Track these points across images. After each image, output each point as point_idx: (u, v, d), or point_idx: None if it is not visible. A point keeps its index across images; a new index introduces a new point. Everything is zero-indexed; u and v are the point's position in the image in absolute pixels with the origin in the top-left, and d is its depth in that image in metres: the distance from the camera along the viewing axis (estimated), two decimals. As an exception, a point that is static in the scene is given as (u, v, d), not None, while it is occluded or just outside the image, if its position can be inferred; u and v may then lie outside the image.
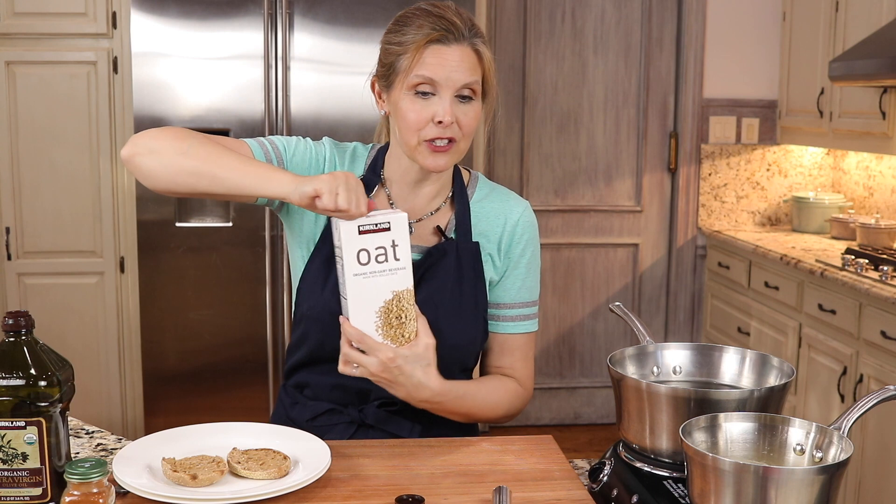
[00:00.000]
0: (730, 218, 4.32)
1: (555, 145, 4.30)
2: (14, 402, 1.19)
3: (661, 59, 4.31)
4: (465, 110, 1.49)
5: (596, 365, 4.42)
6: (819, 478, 1.04)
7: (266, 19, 3.25)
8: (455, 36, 1.48)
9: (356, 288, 1.36)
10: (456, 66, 1.47)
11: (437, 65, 1.47)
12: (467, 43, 1.49)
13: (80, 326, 3.53)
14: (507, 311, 1.62)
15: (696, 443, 1.14)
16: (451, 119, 1.47)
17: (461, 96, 1.49)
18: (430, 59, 1.47)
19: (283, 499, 1.24)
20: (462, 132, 1.50)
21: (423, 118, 1.48)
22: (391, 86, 1.52)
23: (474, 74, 1.49)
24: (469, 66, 1.48)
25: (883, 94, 3.28)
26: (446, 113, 1.47)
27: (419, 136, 1.49)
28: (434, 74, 1.47)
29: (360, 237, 1.34)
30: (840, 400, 3.09)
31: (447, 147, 1.50)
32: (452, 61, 1.47)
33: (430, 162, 1.51)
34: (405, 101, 1.49)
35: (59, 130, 3.46)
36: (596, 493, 1.31)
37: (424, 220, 1.60)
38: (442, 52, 1.47)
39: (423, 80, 1.47)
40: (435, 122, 1.48)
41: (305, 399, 1.62)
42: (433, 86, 1.47)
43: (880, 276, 2.94)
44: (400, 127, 1.52)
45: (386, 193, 1.60)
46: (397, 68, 1.49)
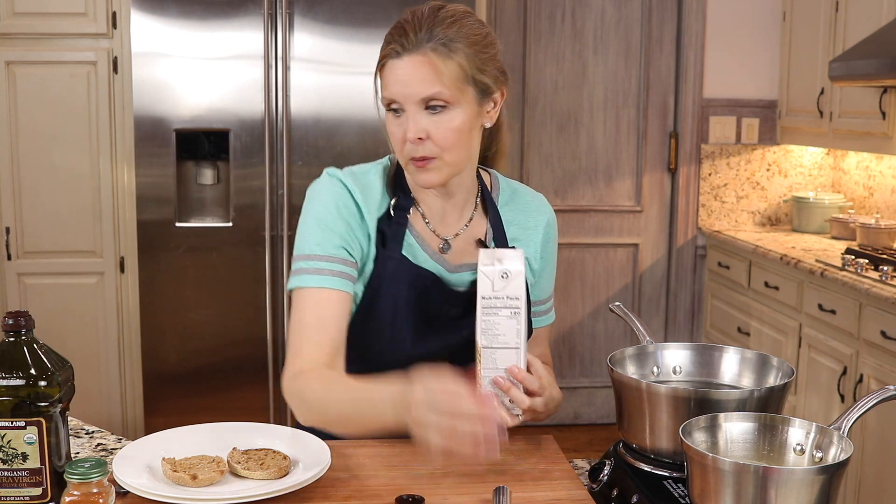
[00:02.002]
0: (730, 218, 4.32)
1: (555, 145, 4.30)
2: (14, 402, 1.19)
3: (661, 59, 4.30)
4: (436, 122, 1.40)
5: (596, 365, 4.42)
6: (819, 478, 1.04)
7: (266, 19, 3.25)
8: (404, 47, 1.39)
9: (525, 335, 1.32)
10: (409, 80, 1.39)
11: (394, 82, 1.40)
12: (419, 52, 1.39)
13: (80, 326, 3.53)
14: (541, 306, 1.64)
15: (696, 443, 1.14)
16: (415, 135, 1.40)
17: (429, 107, 1.40)
18: (389, 76, 1.41)
19: (283, 499, 1.24)
20: (439, 146, 1.41)
21: (399, 138, 1.43)
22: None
23: (433, 85, 1.39)
24: (423, 76, 1.38)
25: (883, 94, 3.28)
26: (409, 130, 1.40)
27: (404, 154, 1.44)
28: (392, 94, 1.41)
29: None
30: (840, 400, 3.09)
31: (428, 163, 1.42)
32: (405, 76, 1.39)
33: (418, 179, 1.45)
34: (387, 121, 1.45)
35: (59, 130, 3.46)
36: (596, 493, 1.31)
37: (462, 234, 1.54)
38: (395, 68, 1.40)
39: (387, 99, 1.42)
40: (408, 141, 1.41)
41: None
42: (398, 103, 1.41)
43: (880, 276, 2.94)
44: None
45: (420, 213, 1.52)
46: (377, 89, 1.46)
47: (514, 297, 1.28)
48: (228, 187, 3.35)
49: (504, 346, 1.29)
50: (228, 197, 3.35)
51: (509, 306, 1.28)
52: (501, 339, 1.29)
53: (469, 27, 1.43)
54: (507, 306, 1.28)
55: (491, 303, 1.28)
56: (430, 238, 1.52)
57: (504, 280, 1.27)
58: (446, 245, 1.53)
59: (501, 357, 1.30)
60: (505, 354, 1.30)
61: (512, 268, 1.28)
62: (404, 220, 1.50)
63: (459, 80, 1.40)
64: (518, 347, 1.30)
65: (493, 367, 1.30)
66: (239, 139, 3.30)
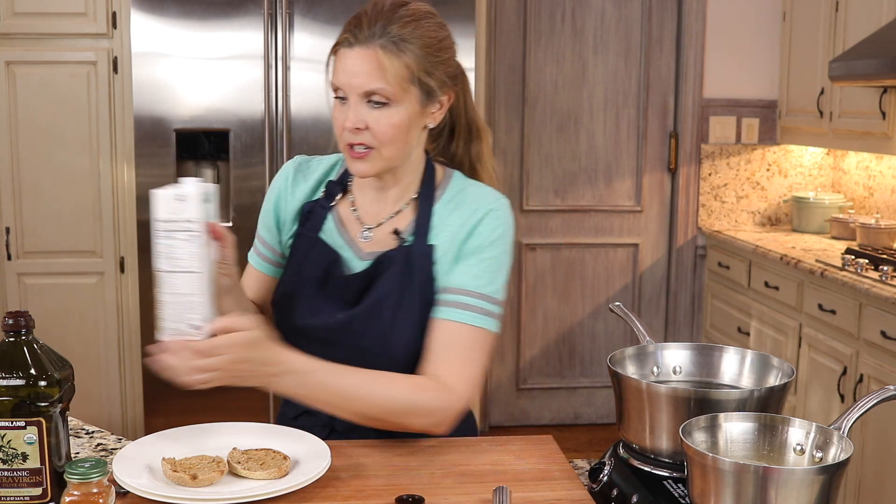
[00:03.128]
0: (730, 218, 4.32)
1: (555, 145, 4.30)
2: (14, 402, 1.18)
3: (661, 59, 4.31)
4: (376, 116, 1.43)
5: (596, 365, 4.42)
6: (819, 478, 1.04)
7: (266, 19, 3.25)
8: (357, 38, 1.42)
9: (206, 259, 1.31)
10: (355, 72, 1.41)
11: (341, 70, 1.43)
12: (369, 46, 1.41)
13: (80, 326, 3.53)
14: (445, 295, 1.48)
15: (696, 443, 1.14)
16: (353, 125, 1.43)
17: (371, 101, 1.43)
18: (338, 64, 1.44)
19: (283, 499, 1.24)
20: (376, 139, 1.44)
21: (339, 124, 1.46)
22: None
23: (377, 81, 1.41)
24: (369, 71, 1.41)
25: (883, 94, 3.28)
26: (347, 119, 1.43)
27: (343, 141, 1.47)
28: (337, 80, 1.44)
29: (203, 206, 1.30)
30: (840, 400, 3.09)
31: (364, 154, 1.45)
32: (352, 66, 1.42)
33: (353, 167, 1.48)
34: (333, 106, 1.48)
35: (59, 130, 3.46)
36: (596, 493, 1.31)
37: (384, 224, 1.55)
38: (345, 57, 1.43)
39: (334, 85, 1.45)
40: (347, 128, 1.44)
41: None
42: (343, 91, 1.44)
43: (880, 276, 2.94)
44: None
45: (350, 200, 1.58)
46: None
47: (190, 220, 1.27)
48: (228, 187, 3.35)
49: (182, 271, 1.29)
50: (228, 197, 3.35)
51: (185, 229, 1.28)
52: (180, 264, 1.29)
53: (425, 28, 1.46)
54: (183, 230, 1.28)
55: (168, 227, 1.28)
56: (352, 224, 1.57)
57: (180, 203, 1.27)
58: (367, 233, 1.55)
59: (180, 281, 1.29)
60: (183, 279, 1.29)
61: (187, 191, 1.27)
62: (328, 205, 1.58)
63: (404, 79, 1.42)
64: (199, 272, 1.29)
65: (173, 291, 1.29)
66: (239, 139, 3.30)
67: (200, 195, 1.28)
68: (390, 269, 1.49)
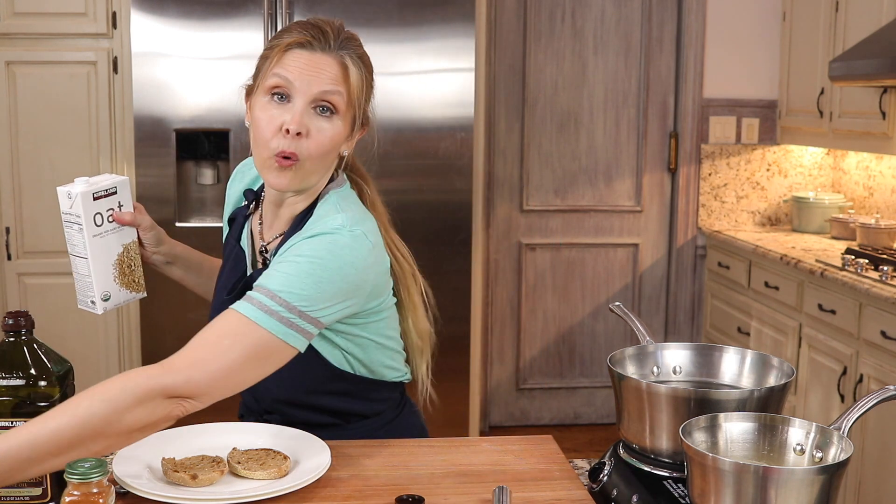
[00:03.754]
0: (730, 218, 4.32)
1: (555, 145, 4.30)
2: (14, 402, 1.19)
3: (661, 59, 4.31)
4: (319, 126, 1.39)
5: (596, 365, 4.42)
6: (819, 478, 1.04)
7: (266, 19, 3.25)
8: (321, 44, 1.40)
9: (96, 247, 1.51)
10: (315, 73, 1.38)
11: (296, 67, 1.38)
12: (334, 54, 1.40)
13: (80, 326, 3.53)
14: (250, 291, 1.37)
15: (696, 443, 1.14)
16: (297, 128, 1.36)
17: (319, 109, 1.39)
18: (291, 61, 1.39)
19: (283, 499, 1.24)
20: (310, 150, 1.38)
21: (274, 126, 1.38)
22: (254, 91, 1.45)
23: (335, 85, 1.39)
24: (331, 76, 1.39)
25: (883, 94, 3.28)
26: (294, 120, 1.37)
27: (269, 147, 1.38)
28: (290, 75, 1.38)
29: (95, 202, 1.49)
30: (840, 400, 3.09)
31: (291, 163, 1.38)
32: (312, 67, 1.38)
33: (273, 178, 1.40)
34: (260, 106, 1.41)
35: (59, 130, 3.46)
36: (596, 493, 1.31)
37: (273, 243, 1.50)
38: (303, 57, 1.39)
39: (279, 80, 1.38)
40: (283, 131, 1.37)
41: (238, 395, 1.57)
42: (289, 90, 1.38)
43: (880, 276, 2.94)
44: (253, 137, 1.43)
45: (260, 214, 1.56)
46: (261, 71, 1.43)
47: (77, 215, 1.49)
48: (228, 187, 3.35)
49: (78, 255, 1.53)
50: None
51: (76, 222, 1.50)
52: (76, 249, 1.53)
53: (368, 61, 1.48)
54: (75, 222, 1.50)
55: (66, 218, 1.51)
56: (256, 237, 1.57)
57: (70, 200, 1.49)
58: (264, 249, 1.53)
59: (79, 264, 1.54)
60: (80, 262, 1.53)
61: (75, 190, 1.48)
62: (246, 214, 1.60)
63: (354, 95, 1.42)
64: (86, 258, 1.51)
65: (76, 271, 1.55)
66: (239, 139, 3.30)
67: (87, 194, 1.47)
68: (242, 292, 1.43)
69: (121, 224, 1.53)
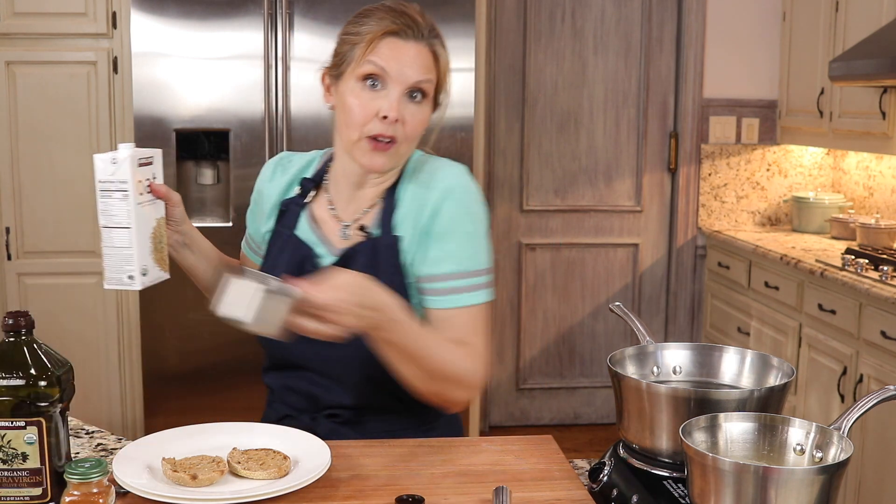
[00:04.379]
0: (730, 218, 4.32)
1: (555, 145, 4.30)
2: (14, 402, 1.18)
3: (661, 59, 4.31)
4: (412, 111, 1.45)
5: (596, 365, 4.42)
6: (819, 478, 1.04)
7: (266, 19, 3.25)
8: (413, 33, 1.45)
9: (139, 217, 1.44)
10: (410, 62, 1.44)
11: (392, 57, 1.44)
12: (425, 42, 1.46)
13: (80, 326, 3.53)
14: (429, 283, 1.49)
15: (696, 443, 1.14)
16: (396, 115, 1.43)
17: (411, 95, 1.45)
18: (385, 50, 1.44)
19: (283, 499, 1.24)
20: (405, 133, 1.46)
21: (368, 111, 1.44)
22: (341, 76, 1.49)
23: (428, 74, 1.46)
24: (424, 64, 1.46)
25: (883, 94, 3.28)
26: (392, 108, 1.43)
27: (362, 131, 1.45)
28: (387, 65, 1.43)
29: (140, 169, 1.44)
30: (840, 400, 3.09)
31: (388, 146, 1.45)
32: (407, 56, 1.44)
33: (368, 160, 1.46)
34: (352, 92, 1.46)
35: (59, 130, 3.46)
36: (596, 493, 1.31)
37: (360, 219, 1.55)
38: (398, 46, 1.44)
39: (374, 68, 1.44)
40: (380, 117, 1.43)
41: (274, 401, 1.65)
42: (383, 78, 1.44)
43: (880, 276, 2.94)
44: (343, 120, 1.48)
45: (327, 198, 1.58)
46: (350, 58, 1.46)
47: (123, 181, 1.42)
48: (228, 187, 3.35)
49: (117, 226, 1.44)
50: (228, 197, 3.35)
51: (120, 189, 1.42)
52: (115, 220, 1.43)
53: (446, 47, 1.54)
54: (118, 189, 1.43)
55: (105, 186, 1.43)
56: (328, 222, 1.58)
57: (114, 165, 1.42)
58: (345, 231, 1.56)
59: (117, 236, 1.44)
60: (119, 233, 1.44)
61: (120, 154, 1.42)
62: (302, 202, 1.60)
63: (441, 80, 1.50)
64: (129, 227, 1.43)
65: (111, 245, 1.44)
66: (239, 139, 3.30)
67: (133, 158, 1.42)
68: (354, 263, 1.49)
69: (156, 196, 1.48)
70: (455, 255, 1.48)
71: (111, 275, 1.45)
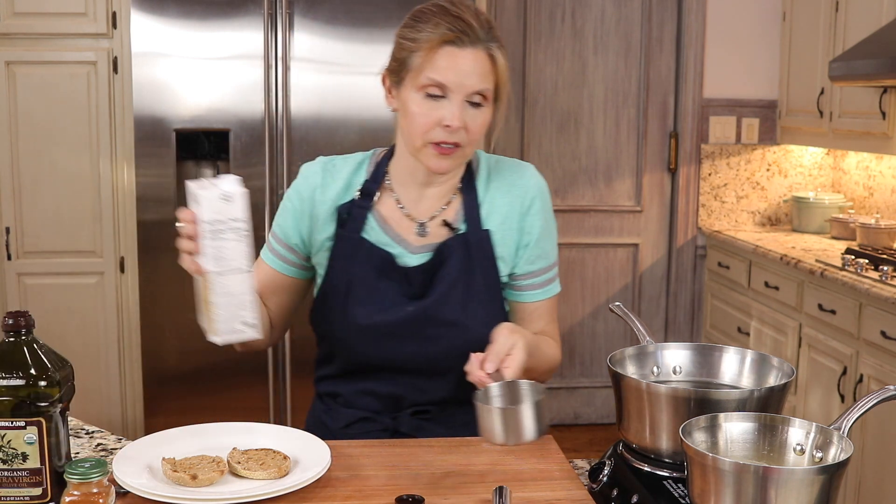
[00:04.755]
0: (730, 218, 4.32)
1: (555, 145, 4.30)
2: (14, 402, 1.18)
3: (661, 59, 4.31)
4: (473, 115, 1.47)
5: (596, 365, 4.42)
6: (819, 478, 1.04)
7: (266, 19, 3.25)
8: (470, 39, 1.44)
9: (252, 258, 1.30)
10: (468, 72, 1.44)
11: (449, 69, 1.44)
12: (482, 47, 1.45)
13: (80, 326, 3.53)
14: (527, 280, 1.61)
15: (696, 443, 1.14)
16: (459, 124, 1.45)
17: (471, 101, 1.46)
18: (443, 61, 1.44)
19: (283, 499, 1.24)
20: (469, 137, 1.48)
21: (430, 120, 1.46)
22: (401, 83, 1.49)
23: (487, 81, 1.46)
24: (482, 71, 1.45)
25: (883, 94, 3.28)
26: (454, 118, 1.44)
27: (425, 138, 1.47)
28: (445, 79, 1.44)
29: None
30: (840, 400, 3.09)
31: (452, 150, 1.48)
32: (465, 66, 1.44)
33: (434, 164, 1.49)
34: (413, 101, 1.47)
35: (59, 130, 3.46)
36: (596, 493, 1.31)
37: (436, 217, 1.59)
38: (455, 56, 1.44)
39: (432, 83, 1.44)
40: (442, 126, 1.45)
41: (339, 407, 1.63)
42: (443, 89, 1.45)
43: (880, 276, 2.94)
44: (407, 126, 1.50)
45: (394, 198, 1.59)
46: (409, 65, 1.46)
47: (237, 220, 1.26)
48: (228, 187, 3.34)
49: (234, 270, 1.27)
50: (228, 197, 3.35)
51: (233, 228, 1.26)
52: (230, 264, 1.27)
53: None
54: (232, 229, 1.26)
55: (215, 227, 1.25)
56: (401, 221, 1.58)
57: (226, 203, 1.26)
58: (422, 229, 1.58)
59: (232, 281, 1.27)
60: (235, 278, 1.26)
61: (232, 190, 1.27)
62: (367, 204, 1.57)
63: (500, 82, 1.50)
64: (249, 271, 1.28)
65: (225, 292, 1.27)
66: (239, 139, 3.30)
67: (244, 193, 1.26)
68: (451, 258, 1.54)
69: None
70: (547, 251, 1.62)
71: (224, 325, 1.27)
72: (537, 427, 1.27)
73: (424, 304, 1.53)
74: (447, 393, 1.59)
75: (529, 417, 1.26)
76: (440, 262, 1.54)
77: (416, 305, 1.53)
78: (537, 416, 1.27)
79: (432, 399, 1.58)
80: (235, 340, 1.26)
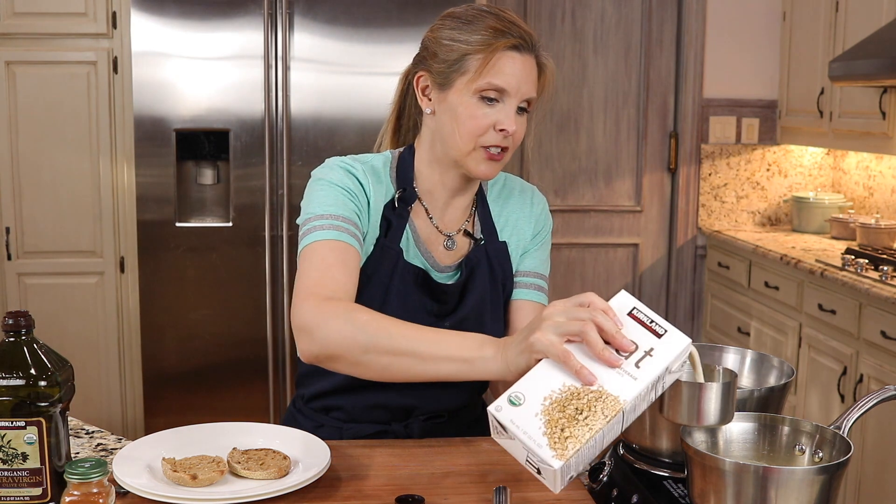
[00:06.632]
0: (730, 218, 4.32)
1: (555, 145, 4.30)
2: (14, 402, 1.18)
3: (661, 59, 4.31)
4: (521, 121, 1.47)
5: (596, 365, 4.42)
6: (819, 478, 1.04)
7: (266, 19, 3.25)
8: (527, 46, 1.44)
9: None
10: (526, 77, 1.44)
11: (511, 74, 1.42)
12: (534, 54, 1.46)
13: (80, 326, 3.53)
14: (522, 278, 1.61)
15: (696, 443, 1.14)
16: (514, 128, 1.44)
17: (520, 107, 1.46)
18: (507, 66, 1.42)
19: (283, 499, 1.24)
20: (514, 143, 1.48)
21: (484, 124, 1.43)
22: (450, 85, 1.44)
23: (536, 88, 1.47)
24: (534, 79, 1.46)
25: (883, 94, 3.28)
26: (511, 122, 1.43)
27: (477, 142, 1.44)
28: (507, 84, 1.42)
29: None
30: (840, 400, 3.09)
31: (500, 156, 1.46)
32: (524, 71, 1.43)
33: (483, 169, 1.46)
34: (467, 104, 1.43)
35: (59, 130, 3.46)
36: (596, 493, 1.31)
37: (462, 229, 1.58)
38: (516, 60, 1.43)
39: (493, 87, 1.42)
40: (497, 130, 1.43)
41: (337, 422, 1.57)
42: (501, 94, 1.43)
43: (880, 276, 2.94)
44: (454, 130, 1.45)
45: (423, 207, 1.54)
46: (464, 68, 1.42)
47: (671, 372, 1.12)
48: (228, 187, 3.35)
49: (630, 417, 1.11)
50: (228, 197, 3.35)
51: (665, 386, 1.14)
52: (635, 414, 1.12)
53: None
54: (665, 386, 1.14)
55: (669, 379, 1.13)
56: (431, 234, 1.55)
57: (680, 361, 1.13)
58: (450, 241, 1.56)
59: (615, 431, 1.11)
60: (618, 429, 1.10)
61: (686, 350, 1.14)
62: (406, 213, 1.52)
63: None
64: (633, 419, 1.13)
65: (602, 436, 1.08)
66: (239, 139, 3.30)
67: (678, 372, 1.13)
68: (478, 271, 1.54)
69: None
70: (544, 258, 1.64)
71: (573, 466, 1.06)
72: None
73: (458, 319, 1.52)
74: (461, 401, 1.59)
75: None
76: (471, 276, 1.54)
77: (451, 321, 1.52)
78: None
79: (447, 407, 1.57)
80: (567, 480, 1.07)
